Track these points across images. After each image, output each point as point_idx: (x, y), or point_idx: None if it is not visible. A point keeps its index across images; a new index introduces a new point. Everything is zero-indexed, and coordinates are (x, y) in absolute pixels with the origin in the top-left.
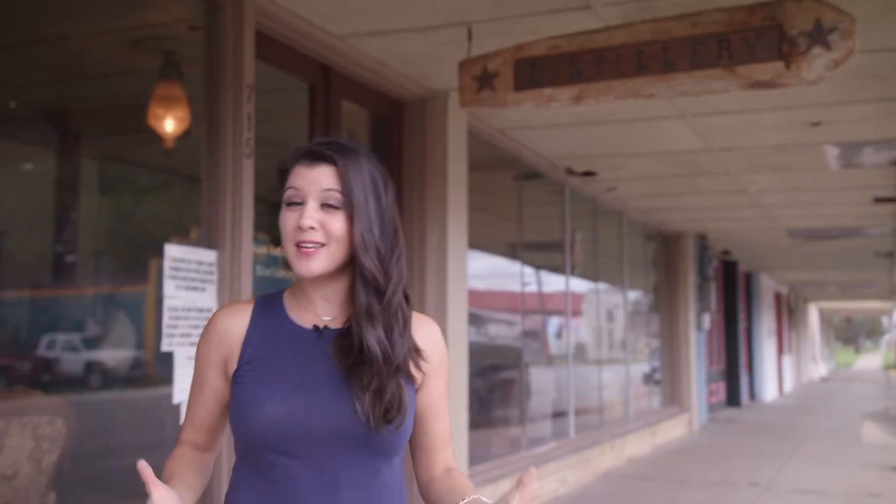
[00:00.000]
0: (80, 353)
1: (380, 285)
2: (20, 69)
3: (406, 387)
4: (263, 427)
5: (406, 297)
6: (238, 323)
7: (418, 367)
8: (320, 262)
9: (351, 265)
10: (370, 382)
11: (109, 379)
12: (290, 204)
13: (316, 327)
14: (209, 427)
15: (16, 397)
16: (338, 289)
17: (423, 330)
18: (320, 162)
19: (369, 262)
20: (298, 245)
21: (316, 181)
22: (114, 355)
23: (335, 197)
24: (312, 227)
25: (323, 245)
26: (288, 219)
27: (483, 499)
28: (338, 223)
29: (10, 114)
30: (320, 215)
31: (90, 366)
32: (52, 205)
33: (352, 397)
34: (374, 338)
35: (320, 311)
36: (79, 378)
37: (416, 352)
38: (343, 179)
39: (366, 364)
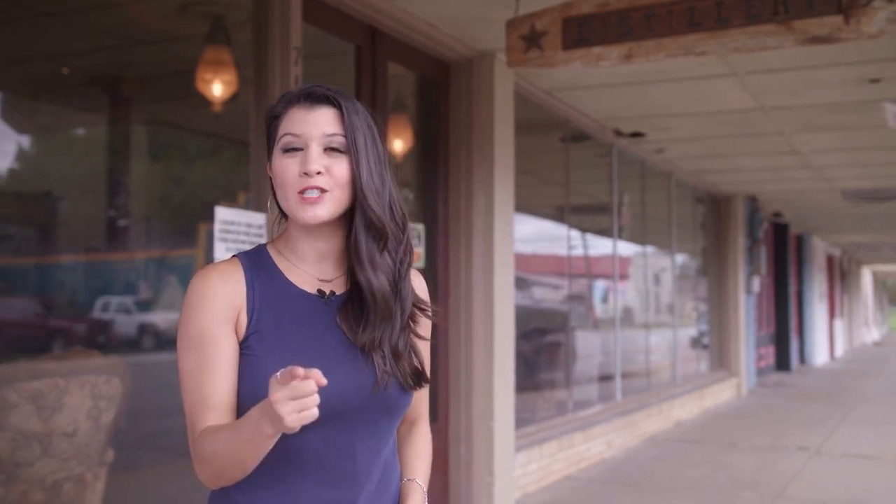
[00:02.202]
0: (132, 315)
1: (384, 230)
2: (71, 36)
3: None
4: None
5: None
6: (235, 285)
7: (426, 314)
8: (326, 207)
9: (347, 217)
10: (385, 343)
11: (161, 341)
12: (288, 150)
13: (321, 292)
14: (233, 404)
15: (74, 357)
16: (334, 243)
17: (414, 283)
18: (320, 104)
19: (374, 203)
20: (302, 193)
21: (318, 125)
22: (165, 318)
23: (339, 141)
24: (320, 172)
25: (326, 191)
26: (288, 166)
27: (418, 482)
28: (342, 168)
29: (62, 80)
30: (325, 160)
31: (143, 328)
32: (104, 170)
33: (368, 365)
34: (377, 284)
35: (316, 271)
36: (132, 339)
37: (419, 302)
38: (345, 122)
39: (377, 324)
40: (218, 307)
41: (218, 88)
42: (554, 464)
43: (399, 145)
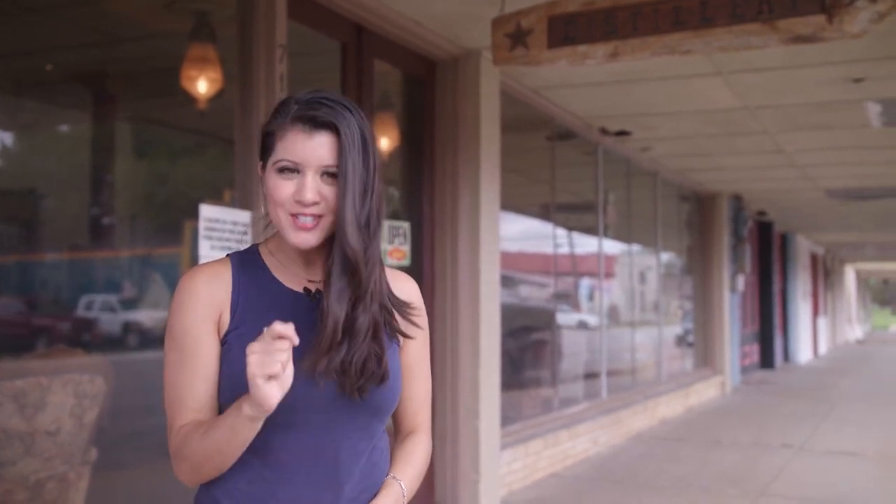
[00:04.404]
0: (117, 313)
1: (358, 267)
2: (55, 32)
3: (389, 345)
4: None
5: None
6: (221, 285)
7: (407, 319)
8: (318, 235)
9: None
10: (334, 353)
11: (146, 339)
12: (283, 170)
13: (307, 290)
14: (213, 403)
15: (57, 356)
16: (322, 250)
17: (403, 287)
18: (320, 130)
19: (354, 241)
20: (294, 216)
21: (316, 154)
22: (150, 316)
23: (334, 169)
24: (316, 202)
25: (321, 216)
26: (282, 186)
27: (400, 482)
28: (335, 192)
29: (46, 77)
30: (319, 186)
31: (127, 326)
32: (88, 167)
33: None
34: (333, 318)
35: (305, 272)
36: (116, 338)
37: (401, 305)
38: (342, 150)
39: (323, 350)
40: (201, 307)
41: (203, 86)
42: (539, 461)
43: (385, 143)
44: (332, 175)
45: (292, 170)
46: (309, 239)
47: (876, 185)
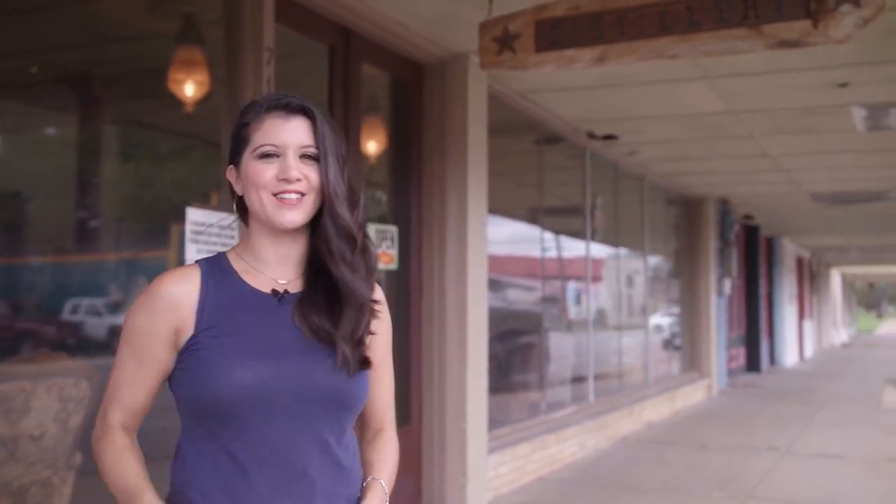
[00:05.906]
0: (103, 317)
1: (352, 233)
2: (41, 34)
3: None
4: (230, 394)
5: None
6: (187, 290)
7: (373, 314)
8: (302, 212)
9: (308, 223)
10: (353, 331)
11: None
12: (264, 156)
13: (275, 291)
14: (144, 406)
15: (41, 360)
16: (296, 248)
17: None
18: (296, 115)
19: (344, 210)
20: (278, 195)
21: (294, 136)
22: None
23: (312, 151)
24: (299, 179)
25: (304, 195)
26: (263, 170)
27: (381, 482)
28: (316, 174)
29: (31, 79)
30: (300, 166)
31: (113, 330)
32: (73, 170)
33: (320, 359)
34: (360, 284)
35: (274, 273)
36: (102, 342)
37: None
38: (317, 132)
39: (344, 314)
40: (160, 311)
41: (190, 89)
42: (527, 465)
43: (372, 147)
44: (309, 157)
45: (273, 154)
46: (295, 217)
47: (861, 189)
